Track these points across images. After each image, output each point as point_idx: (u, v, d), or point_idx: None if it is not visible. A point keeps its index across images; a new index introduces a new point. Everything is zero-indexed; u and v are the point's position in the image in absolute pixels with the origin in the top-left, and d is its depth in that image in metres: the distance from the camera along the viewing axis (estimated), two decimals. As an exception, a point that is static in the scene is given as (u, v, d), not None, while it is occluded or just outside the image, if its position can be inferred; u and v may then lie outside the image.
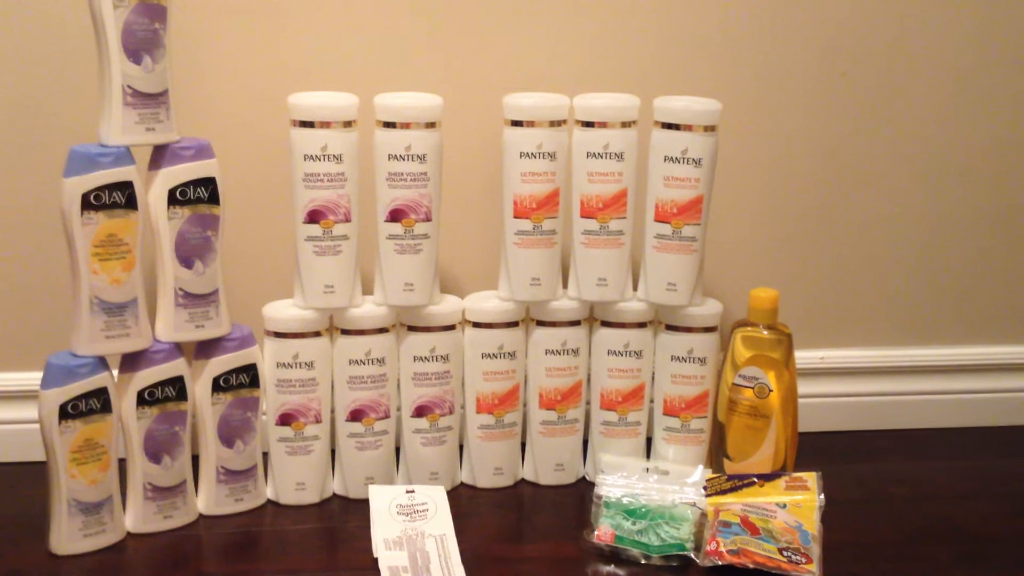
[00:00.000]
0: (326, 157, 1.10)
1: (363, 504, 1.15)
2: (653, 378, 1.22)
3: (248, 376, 1.13)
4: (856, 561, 1.08)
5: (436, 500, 1.15)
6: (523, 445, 1.24)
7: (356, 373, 1.16)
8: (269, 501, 1.18)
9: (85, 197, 1.00)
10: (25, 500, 1.16)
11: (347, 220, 1.12)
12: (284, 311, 1.14)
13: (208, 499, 1.14)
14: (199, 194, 1.07)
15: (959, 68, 1.30)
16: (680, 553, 1.06)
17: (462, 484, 1.23)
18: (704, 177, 1.15)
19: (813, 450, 1.27)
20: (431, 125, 1.12)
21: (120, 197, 1.02)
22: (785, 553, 1.04)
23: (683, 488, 1.15)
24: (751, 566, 1.03)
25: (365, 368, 1.16)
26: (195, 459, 1.14)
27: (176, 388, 1.09)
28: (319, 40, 1.20)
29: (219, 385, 1.11)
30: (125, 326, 1.05)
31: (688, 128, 1.14)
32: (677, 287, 1.18)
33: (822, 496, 1.12)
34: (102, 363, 1.05)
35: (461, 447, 1.23)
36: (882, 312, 1.37)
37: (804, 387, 1.27)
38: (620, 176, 1.16)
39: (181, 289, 1.08)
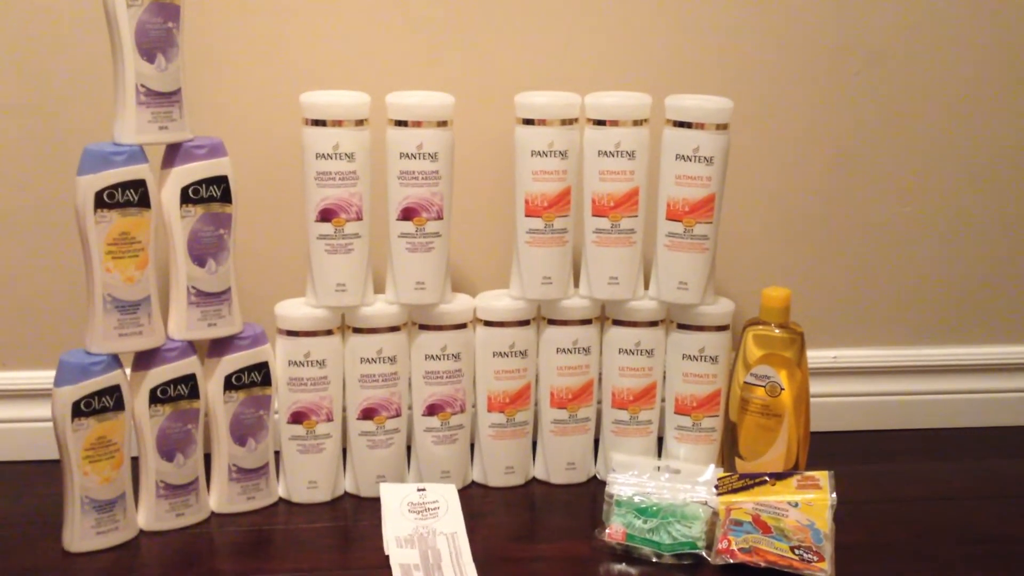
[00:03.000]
0: (338, 155, 1.10)
1: (374, 502, 1.16)
2: (665, 377, 1.22)
3: (260, 374, 1.13)
4: (868, 560, 1.08)
5: (447, 498, 1.15)
6: (534, 444, 1.24)
7: (368, 371, 1.16)
8: (281, 499, 1.18)
9: (99, 195, 1.01)
10: (39, 498, 1.16)
11: (359, 218, 1.13)
12: (296, 309, 1.15)
13: (220, 497, 1.14)
14: (212, 192, 1.07)
15: (972, 67, 1.30)
16: (692, 551, 1.06)
17: (473, 483, 1.23)
18: (716, 175, 1.15)
19: (825, 449, 1.26)
20: (443, 123, 1.12)
21: (133, 195, 1.03)
22: (797, 551, 1.04)
23: (695, 487, 1.15)
24: (763, 564, 1.03)
25: (377, 366, 1.16)
26: (207, 457, 1.14)
27: (189, 386, 1.09)
28: (331, 39, 1.20)
29: (231, 383, 1.12)
30: (138, 324, 1.05)
31: (700, 126, 1.14)
32: (689, 286, 1.18)
33: (834, 495, 1.12)
34: (115, 361, 1.05)
35: (472, 446, 1.23)
36: (895, 311, 1.37)
37: (816, 386, 1.27)
38: (632, 174, 1.16)
39: (194, 287, 1.08)
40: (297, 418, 1.16)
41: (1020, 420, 1.40)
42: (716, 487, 1.15)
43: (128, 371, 1.08)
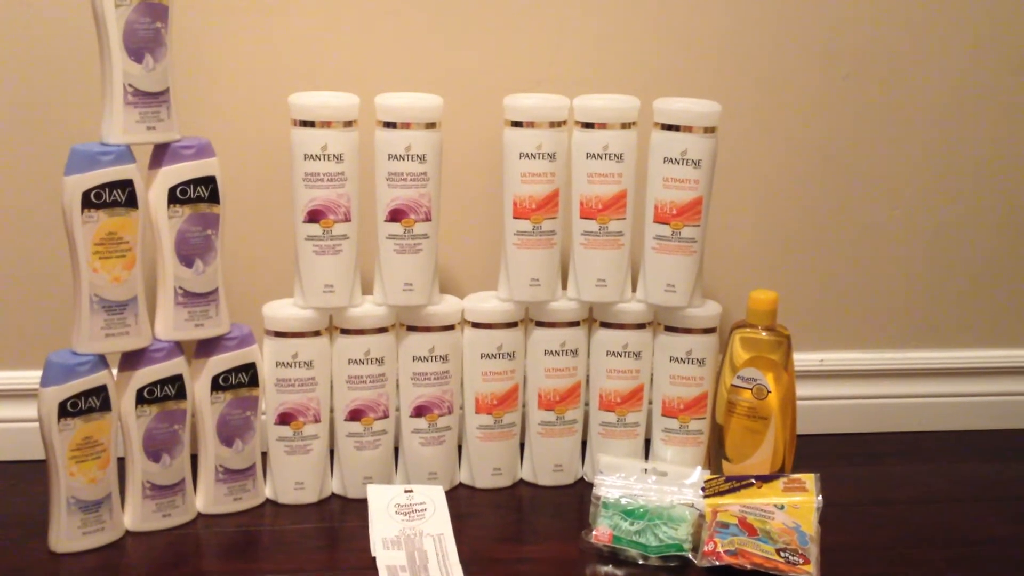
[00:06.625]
0: (326, 157, 1.10)
1: (361, 503, 1.16)
2: (652, 379, 1.23)
3: (247, 375, 1.13)
4: (853, 563, 1.08)
5: (434, 500, 1.15)
6: (522, 446, 1.25)
7: (355, 373, 1.16)
8: (268, 500, 1.18)
9: (86, 195, 1.01)
10: (25, 498, 1.16)
11: (347, 220, 1.13)
12: (284, 310, 1.15)
13: (207, 498, 1.14)
14: (199, 193, 1.07)
15: (960, 72, 1.30)
16: (678, 554, 1.06)
17: (461, 484, 1.23)
18: (703, 178, 1.15)
19: (811, 452, 1.27)
20: (431, 125, 1.12)
21: (121, 195, 1.02)
22: (783, 554, 1.04)
23: (681, 489, 1.15)
24: (748, 567, 1.03)
25: (364, 368, 1.16)
26: (194, 458, 1.14)
27: (175, 387, 1.09)
28: (320, 40, 1.20)
29: (218, 384, 1.11)
30: (125, 324, 1.05)
31: (688, 129, 1.14)
32: (676, 288, 1.18)
33: (820, 498, 1.12)
34: (102, 361, 1.05)
35: (460, 447, 1.23)
36: (881, 315, 1.37)
37: (803, 389, 1.28)
38: (620, 177, 1.16)
39: (181, 288, 1.08)
40: (284, 419, 1.15)
41: (1005, 423, 1.41)
42: (703, 489, 1.15)
43: (115, 371, 1.08)
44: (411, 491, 1.16)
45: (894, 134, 1.32)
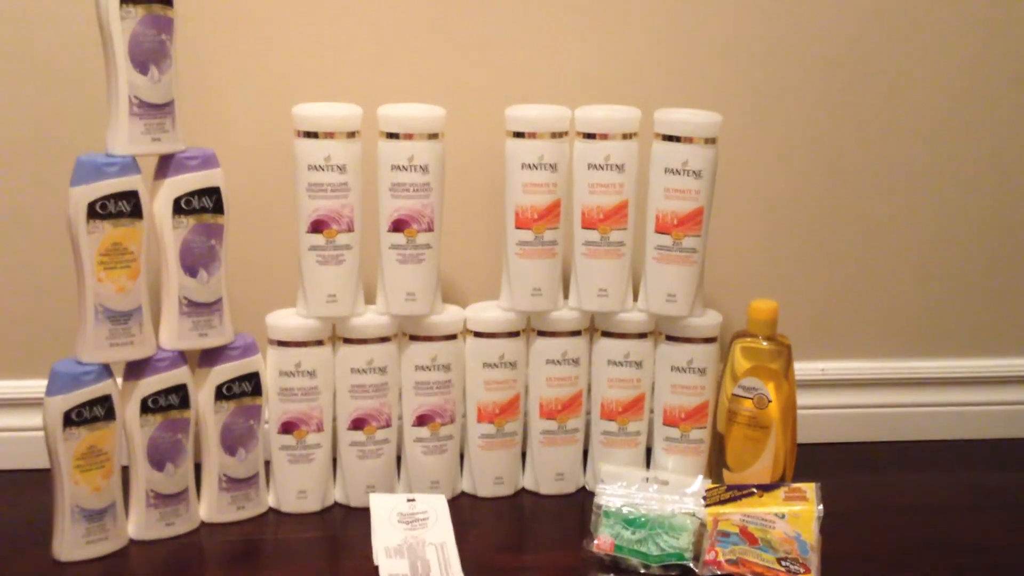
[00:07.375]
0: (330, 167, 1.11)
1: (364, 512, 1.16)
2: (653, 388, 1.23)
3: (251, 384, 1.13)
4: (854, 572, 1.08)
5: (437, 508, 1.15)
6: (523, 454, 1.25)
7: (358, 382, 1.16)
8: (271, 509, 1.18)
9: (91, 206, 1.01)
10: (29, 507, 1.16)
11: (350, 230, 1.13)
12: (287, 320, 1.15)
13: (210, 507, 1.15)
14: (204, 203, 1.08)
15: (961, 80, 1.31)
16: (679, 563, 1.06)
17: (463, 493, 1.23)
18: (704, 189, 1.16)
19: (812, 461, 1.27)
20: (434, 136, 1.13)
21: (126, 206, 1.03)
22: (783, 563, 1.05)
23: (682, 498, 1.16)
24: (750, 576, 1.04)
25: (367, 377, 1.16)
26: (197, 467, 1.14)
27: (179, 396, 1.10)
28: (323, 51, 1.21)
29: (222, 393, 1.12)
30: (129, 334, 1.06)
31: (688, 140, 1.14)
32: (677, 298, 1.18)
33: (821, 507, 1.12)
34: (106, 371, 1.06)
35: (462, 456, 1.23)
36: (882, 324, 1.38)
37: (804, 398, 1.28)
38: (621, 187, 1.16)
39: (185, 298, 1.09)
40: (287, 428, 1.16)
41: (1006, 432, 1.41)
42: (704, 498, 1.15)
43: (119, 381, 1.08)
44: (413, 500, 1.16)
45: (894, 142, 1.32)
